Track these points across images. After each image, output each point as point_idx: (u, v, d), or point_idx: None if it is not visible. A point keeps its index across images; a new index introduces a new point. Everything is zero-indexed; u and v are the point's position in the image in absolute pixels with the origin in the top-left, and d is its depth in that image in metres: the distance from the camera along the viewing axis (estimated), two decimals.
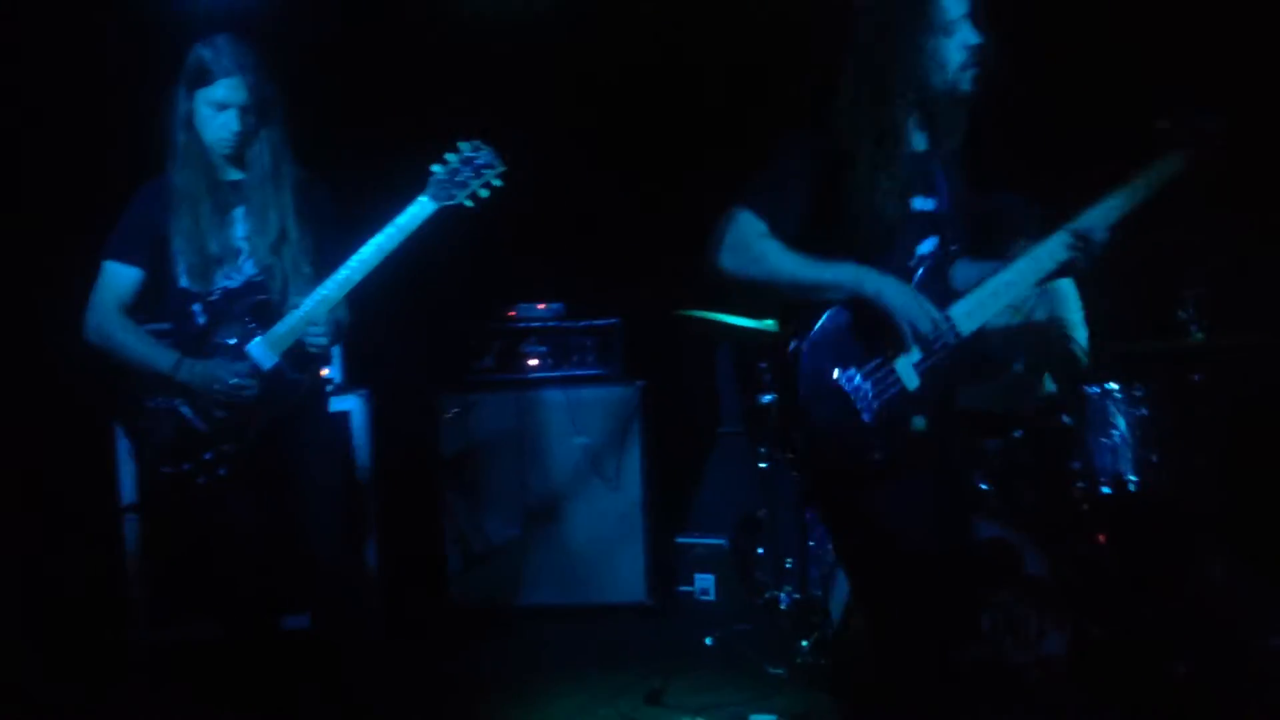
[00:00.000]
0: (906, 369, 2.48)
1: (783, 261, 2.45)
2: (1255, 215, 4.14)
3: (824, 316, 2.46)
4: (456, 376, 5.05)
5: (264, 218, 3.14)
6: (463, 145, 3.16)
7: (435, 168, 3.14)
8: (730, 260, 2.48)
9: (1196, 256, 3.92)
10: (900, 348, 2.47)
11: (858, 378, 2.44)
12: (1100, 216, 2.58)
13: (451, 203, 3.14)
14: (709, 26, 5.00)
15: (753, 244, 2.46)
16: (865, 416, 2.43)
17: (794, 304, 2.50)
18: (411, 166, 3.19)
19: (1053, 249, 2.58)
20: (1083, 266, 2.57)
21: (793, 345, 2.46)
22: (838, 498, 2.57)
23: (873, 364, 2.46)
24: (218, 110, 3.08)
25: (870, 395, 2.44)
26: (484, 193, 3.16)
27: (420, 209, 3.12)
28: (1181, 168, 2.61)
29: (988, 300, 2.56)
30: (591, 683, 4.07)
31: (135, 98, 3.58)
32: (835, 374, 2.44)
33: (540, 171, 3.31)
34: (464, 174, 3.14)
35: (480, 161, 3.16)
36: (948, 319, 2.50)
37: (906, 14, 2.44)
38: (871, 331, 2.46)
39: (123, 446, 4.42)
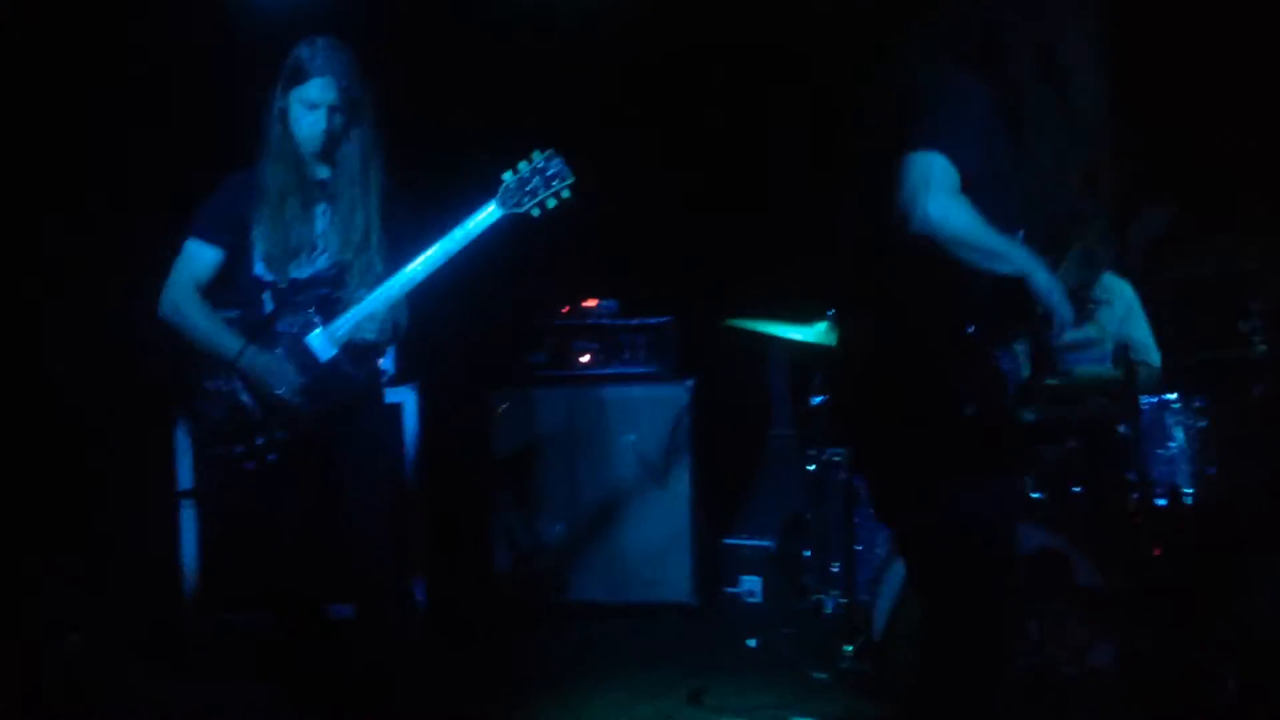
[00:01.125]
0: (1022, 356, 2.42)
1: (978, 221, 2.31)
2: None
3: (975, 297, 2.36)
4: (509, 372, 5.07)
5: (349, 217, 3.20)
6: (535, 154, 3.20)
7: (506, 175, 3.18)
8: (941, 209, 2.28)
9: (1262, 269, 3.84)
10: (1026, 334, 2.41)
11: (1006, 359, 2.36)
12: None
13: (519, 210, 3.17)
14: (774, 29, 4.99)
15: (955, 194, 2.30)
16: (1010, 399, 2.35)
17: (948, 272, 2.36)
18: (482, 170, 3.23)
19: (1068, 268, 2.55)
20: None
21: (967, 333, 2.35)
22: (952, 488, 2.42)
23: (1010, 349, 2.38)
24: (309, 109, 3.14)
25: (1014, 380, 2.36)
26: (552, 203, 3.19)
27: (488, 215, 3.17)
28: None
29: None
30: (634, 681, 4.07)
31: (226, 93, 3.67)
32: (994, 354, 2.35)
33: (598, 169, 3.33)
34: (534, 183, 3.17)
35: (551, 172, 3.18)
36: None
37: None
38: (1007, 314, 2.39)
39: (182, 434, 4.49)
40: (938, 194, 2.29)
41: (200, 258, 3.24)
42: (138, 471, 4.60)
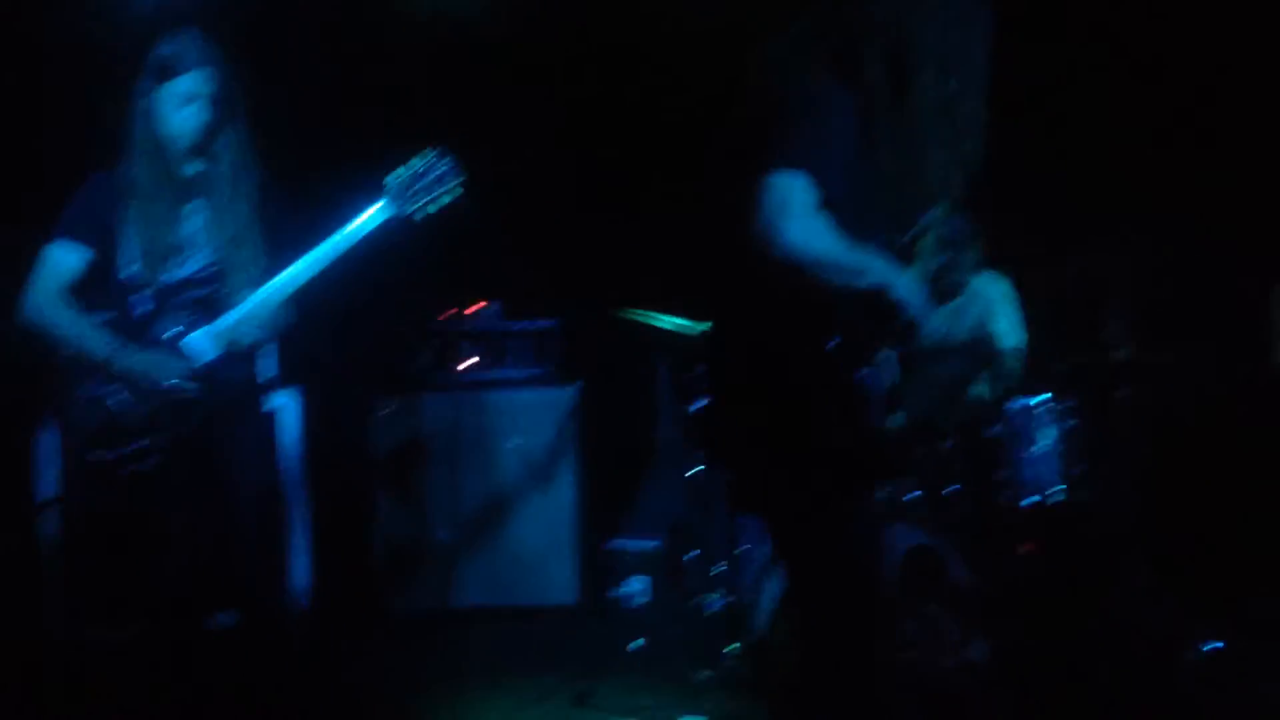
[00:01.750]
0: (892, 363, 2.41)
1: (836, 242, 2.27)
2: (1178, 238, 4.26)
3: (830, 310, 2.33)
4: (392, 376, 5.02)
5: (223, 212, 3.13)
6: (425, 153, 3.14)
7: (394, 174, 3.12)
8: (798, 233, 2.24)
9: (1123, 274, 4.01)
10: (897, 342, 2.40)
11: (870, 378, 2.34)
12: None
13: (407, 211, 3.12)
14: (656, 28, 5.03)
15: (814, 216, 2.26)
16: (876, 418, 2.34)
17: (810, 294, 2.33)
18: (369, 170, 3.17)
19: (929, 254, 2.54)
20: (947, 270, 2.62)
21: (829, 345, 2.32)
22: (830, 502, 2.41)
23: (874, 359, 2.37)
24: (184, 102, 3.06)
25: (880, 396, 2.35)
26: (442, 202, 3.14)
27: (374, 215, 3.11)
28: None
29: None
30: (520, 685, 4.06)
31: (76, 89, 3.53)
32: (857, 372, 2.33)
33: (480, 171, 3.31)
34: (421, 183, 3.12)
35: (439, 172, 3.13)
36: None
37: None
38: (864, 324, 2.37)
39: (45, 441, 4.34)
40: (797, 218, 2.26)
41: (64, 260, 3.12)
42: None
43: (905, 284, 2.38)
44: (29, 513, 4.36)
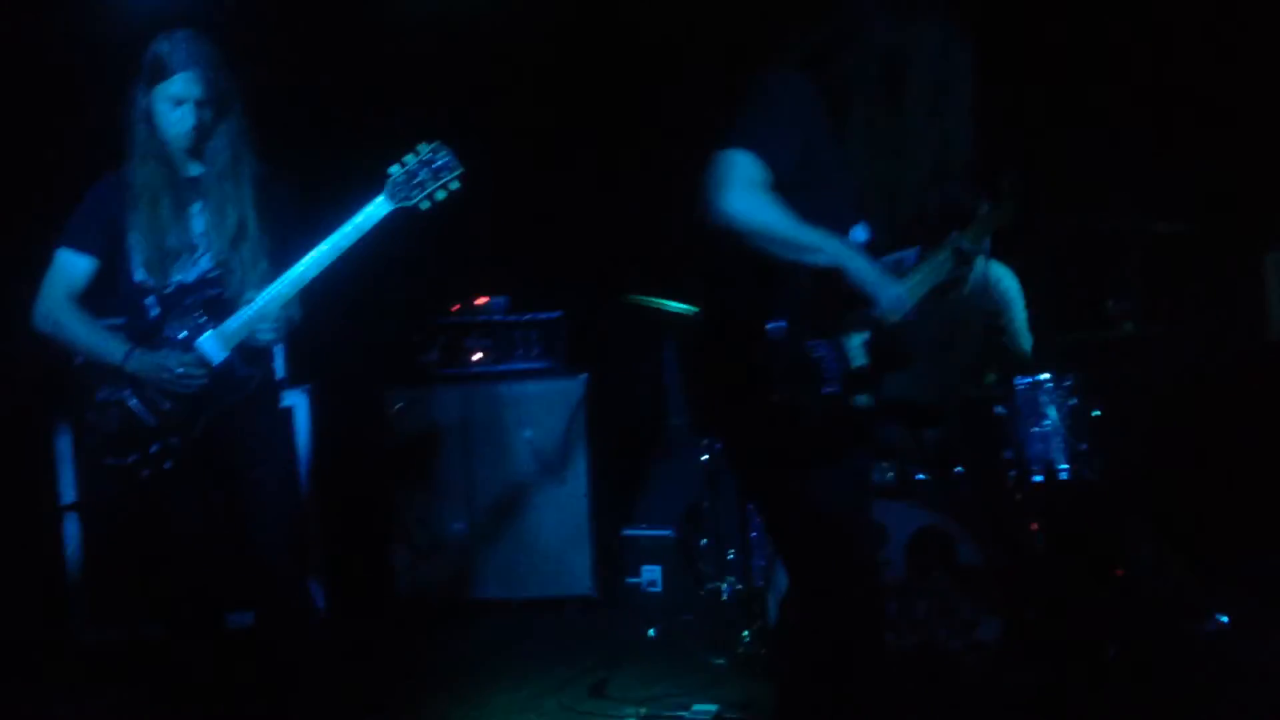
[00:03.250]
0: (856, 346, 2.47)
1: (781, 216, 2.37)
2: (1183, 213, 4.26)
3: (791, 289, 2.42)
4: (402, 371, 5.06)
5: (223, 212, 3.14)
6: (422, 147, 3.17)
7: (393, 168, 3.14)
8: (738, 204, 2.35)
9: (1126, 250, 4.02)
10: (861, 325, 2.47)
11: (822, 349, 2.41)
12: (971, 239, 2.74)
13: (408, 204, 3.14)
14: (648, 23, 5.05)
15: (756, 190, 2.37)
16: (829, 388, 2.40)
17: (762, 265, 2.42)
18: (370, 165, 3.20)
19: (943, 261, 2.69)
20: (956, 278, 2.75)
21: (772, 325, 2.40)
22: (783, 476, 2.52)
23: (833, 339, 2.44)
24: (175, 105, 3.07)
25: (834, 370, 2.41)
26: (441, 195, 3.16)
27: (376, 209, 3.12)
28: (1005, 219, 2.90)
29: (912, 290, 2.59)
30: (536, 676, 4.10)
31: (84, 93, 3.55)
32: (807, 345, 2.40)
33: (482, 166, 3.34)
34: (422, 175, 3.14)
35: (439, 164, 3.15)
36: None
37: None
38: (830, 306, 2.44)
39: (63, 446, 4.40)
40: (736, 189, 2.35)
41: (73, 267, 3.16)
42: (18, 484, 4.48)
43: (862, 263, 2.43)
44: (49, 516, 4.42)
